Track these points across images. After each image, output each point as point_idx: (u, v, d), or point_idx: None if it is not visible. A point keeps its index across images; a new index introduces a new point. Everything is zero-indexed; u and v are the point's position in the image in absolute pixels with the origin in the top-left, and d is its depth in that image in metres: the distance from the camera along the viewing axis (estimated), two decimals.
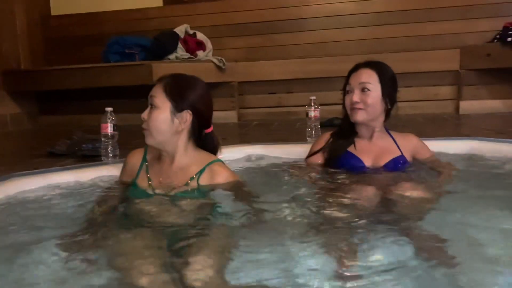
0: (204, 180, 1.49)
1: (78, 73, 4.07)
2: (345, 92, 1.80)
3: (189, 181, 1.49)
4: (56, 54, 4.79)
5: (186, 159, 1.51)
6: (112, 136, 2.08)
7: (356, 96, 1.73)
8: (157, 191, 1.51)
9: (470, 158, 2.03)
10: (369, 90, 1.72)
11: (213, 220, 1.37)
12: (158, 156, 1.56)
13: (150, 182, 1.53)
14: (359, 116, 1.74)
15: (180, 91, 1.47)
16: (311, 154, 1.91)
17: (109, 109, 2.08)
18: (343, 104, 1.82)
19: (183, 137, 1.49)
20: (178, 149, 1.50)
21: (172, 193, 1.48)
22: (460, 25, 4.11)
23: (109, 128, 2.06)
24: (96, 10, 4.75)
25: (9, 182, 1.66)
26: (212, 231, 1.27)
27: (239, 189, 1.54)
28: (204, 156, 1.55)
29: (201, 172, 1.50)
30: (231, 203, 1.45)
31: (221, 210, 1.42)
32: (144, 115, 1.48)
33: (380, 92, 1.73)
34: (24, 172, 1.85)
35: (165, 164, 1.53)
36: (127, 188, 1.59)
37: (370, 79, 1.73)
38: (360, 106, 1.72)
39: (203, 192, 1.49)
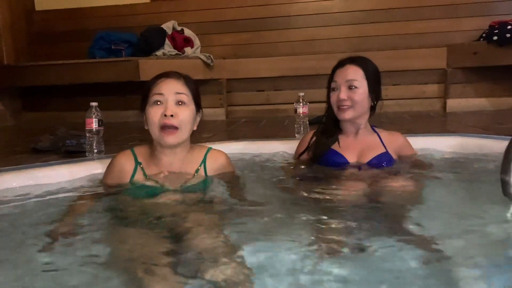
0: (209, 169, 1.57)
1: (63, 68, 4.00)
2: (330, 89, 1.78)
3: (195, 173, 1.55)
4: (40, 49, 4.70)
5: (187, 153, 1.56)
6: (97, 131, 2.04)
7: (343, 94, 1.71)
8: (163, 187, 1.48)
9: (456, 154, 2.05)
10: (356, 87, 1.70)
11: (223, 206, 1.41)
12: (151, 156, 1.54)
13: (151, 182, 1.50)
14: (347, 114, 1.72)
15: (198, 93, 1.53)
16: (297, 155, 1.91)
17: (94, 104, 2.04)
18: (328, 101, 1.80)
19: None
20: (185, 145, 1.54)
21: (181, 187, 1.48)
22: (446, 24, 4.16)
23: (94, 123, 2.01)
24: (82, 5, 4.67)
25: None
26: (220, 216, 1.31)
27: (236, 180, 1.62)
28: (196, 147, 1.60)
29: (204, 161, 1.56)
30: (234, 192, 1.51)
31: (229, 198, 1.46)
32: (172, 111, 1.42)
33: (367, 89, 1.72)
34: (6, 167, 1.80)
35: (165, 161, 1.52)
36: (122, 189, 1.53)
37: (357, 75, 1.71)
38: (347, 103, 1.71)
39: (211, 180, 1.55)
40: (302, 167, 1.86)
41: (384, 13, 4.27)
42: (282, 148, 2.16)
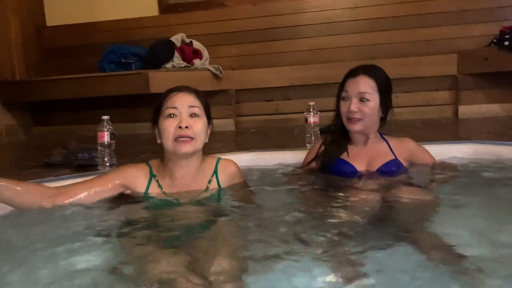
0: (221, 179, 1.59)
1: (73, 83, 4.05)
2: (341, 97, 1.75)
3: (208, 184, 1.57)
4: (51, 64, 4.76)
5: (199, 163, 1.57)
6: (109, 144, 2.04)
7: (354, 106, 1.68)
8: (177, 200, 1.50)
9: (470, 161, 2.01)
10: (367, 100, 1.67)
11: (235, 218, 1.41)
12: (164, 169, 1.55)
13: (165, 195, 1.53)
14: (356, 126, 1.71)
15: (209, 105, 1.57)
16: (305, 164, 1.89)
17: (105, 117, 2.05)
18: (337, 110, 1.77)
19: None
20: (198, 157, 1.56)
21: (194, 199, 1.50)
22: (456, 30, 4.13)
23: (105, 137, 2.02)
24: (92, 20, 4.74)
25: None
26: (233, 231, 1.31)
27: (247, 190, 1.63)
28: (206, 158, 1.62)
29: (215, 172, 1.59)
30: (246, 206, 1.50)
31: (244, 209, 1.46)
32: (186, 123, 1.45)
33: (378, 101, 1.70)
34: None
35: (179, 174, 1.53)
36: (136, 201, 1.54)
37: (369, 88, 1.68)
38: (357, 116, 1.68)
39: (223, 191, 1.57)
40: (312, 177, 1.84)
41: (393, 21, 4.26)
42: (293, 159, 2.14)
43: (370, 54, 4.11)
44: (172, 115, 1.47)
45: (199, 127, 1.47)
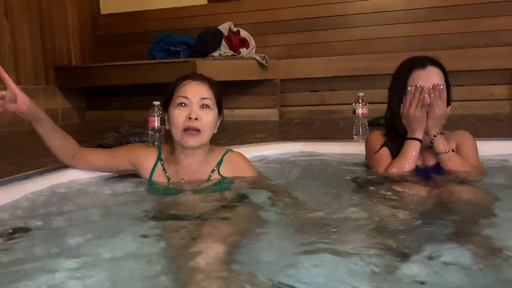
0: (224, 171, 1.56)
1: (124, 69, 4.19)
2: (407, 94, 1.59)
3: (211, 174, 1.56)
4: (105, 51, 4.96)
5: (206, 153, 1.57)
6: (159, 129, 2.10)
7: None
8: (180, 187, 1.52)
9: None
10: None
11: (238, 209, 1.38)
12: (171, 154, 1.58)
13: (170, 181, 1.56)
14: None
15: (221, 97, 1.55)
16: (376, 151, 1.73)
17: (156, 103, 2.10)
18: (394, 107, 1.66)
19: None
20: (205, 148, 1.56)
21: (197, 187, 1.51)
22: None
23: (156, 122, 2.08)
24: (143, 8, 4.87)
25: (61, 172, 1.70)
26: (235, 218, 1.28)
27: (260, 180, 1.60)
28: (216, 148, 1.61)
29: (219, 163, 1.57)
30: (255, 193, 1.48)
31: (246, 200, 1.44)
32: (196, 114, 1.44)
33: (446, 93, 1.59)
34: None
35: (184, 162, 1.55)
36: (140, 185, 1.60)
37: (440, 79, 1.57)
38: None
39: (226, 182, 1.54)
40: (358, 169, 1.78)
41: (449, 10, 4.03)
42: (340, 150, 2.10)
43: (424, 45, 3.94)
44: (183, 104, 1.46)
45: (208, 120, 1.47)
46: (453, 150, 1.61)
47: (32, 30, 4.16)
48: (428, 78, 1.57)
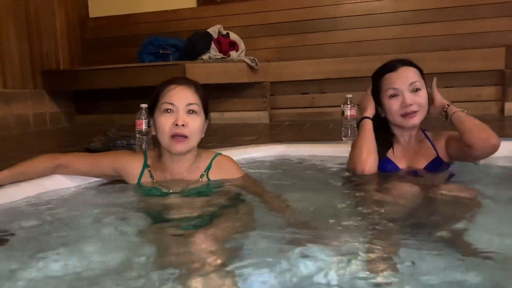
0: (213, 175, 1.55)
1: (113, 73, 4.16)
2: (383, 97, 1.63)
3: (200, 179, 1.54)
4: (93, 55, 4.92)
5: (194, 158, 1.56)
6: (147, 132, 2.09)
7: (408, 99, 1.58)
8: (168, 192, 1.50)
9: None
10: (419, 89, 1.59)
11: (226, 211, 1.37)
12: (158, 160, 1.55)
13: (157, 185, 1.53)
14: (416, 120, 1.60)
15: (207, 100, 1.53)
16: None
17: (143, 105, 2.09)
18: (379, 109, 1.68)
19: None
20: (193, 152, 1.54)
21: (185, 192, 1.49)
22: (506, 22, 3.91)
23: (143, 125, 2.07)
24: (132, 12, 4.85)
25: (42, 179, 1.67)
26: (223, 220, 1.28)
27: (249, 183, 1.59)
28: (205, 152, 1.60)
29: (208, 168, 1.55)
30: (243, 196, 1.48)
31: (234, 203, 1.44)
32: (183, 121, 1.43)
33: (425, 89, 1.62)
34: None
35: (172, 167, 1.53)
36: (128, 188, 1.58)
37: (416, 76, 1.60)
38: (414, 108, 1.58)
39: (214, 186, 1.53)
40: (344, 171, 1.79)
41: (436, 13, 4.08)
42: (329, 152, 2.11)
43: (411, 47, 3.98)
44: (169, 110, 1.44)
45: (196, 126, 1.45)
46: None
47: (19, 34, 4.11)
48: (404, 78, 1.59)
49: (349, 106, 2.40)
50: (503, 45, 3.78)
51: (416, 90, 1.60)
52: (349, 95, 2.42)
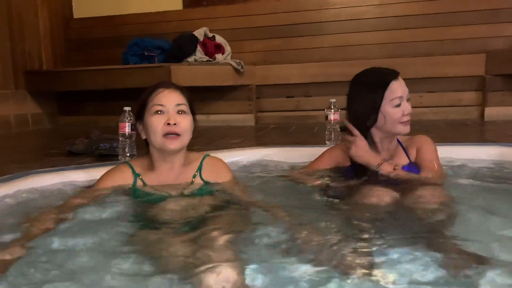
0: (205, 175, 1.58)
1: (98, 74, 4.11)
2: (386, 105, 1.61)
3: (193, 179, 1.57)
4: (77, 55, 4.86)
5: (184, 160, 1.58)
6: (130, 135, 2.07)
7: (409, 107, 1.63)
8: (163, 195, 1.51)
9: (496, 164, 1.95)
10: (409, 98, 1.66)
11: (224, 212, 1.42)
12: (148, 166, 1.56)
13: (152, 190, 1.53)
14: (409, 127, 1.65)
15: (193, 102, 1.57)
16: (313, 169, 1.82)
17: (127, 108, 2.08)
18: (366, 118, 1.66)
19: None
20: (183, 153, 1.56)
21: (180, 194, 1.51)
22: (486, 29, 4.00)
23: (127, 128, 2.05)
24: (117, 13, 4.81)
25: (26, 179, 1.66)
26: (222, 220, 1.33)
27: (236, 185, 1.63)
28: (193, 154, 1.63)
29: (200, 168, 1.58)
30: (236, 197, 1.54)
31: (230, 203, 1.49)
32: (175, 120, 1.46)
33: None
34: (41, 169, 1.86)
35: (165, 168, 1.55)
36: (124, 196, 1.55)
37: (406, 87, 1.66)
38: (409, 117, 1.64)
39: (208, 187, 1.56)
40: (326, 175, 1.80)
41: (420, 19, 4.15)
42: (313, 155, 2.11)
43: (395, 52, 4.04)
44: (159, 112, 1.47)
45: (186, 124, 1.49)
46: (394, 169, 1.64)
47: (1, 33, 4.04)
48: (403, 87, 1.63)
49: (332, 110, 2.43)
50: (483, 51, 3.86)
51: (408, 100, 1.64)
52: (333, 100, 2.45)
